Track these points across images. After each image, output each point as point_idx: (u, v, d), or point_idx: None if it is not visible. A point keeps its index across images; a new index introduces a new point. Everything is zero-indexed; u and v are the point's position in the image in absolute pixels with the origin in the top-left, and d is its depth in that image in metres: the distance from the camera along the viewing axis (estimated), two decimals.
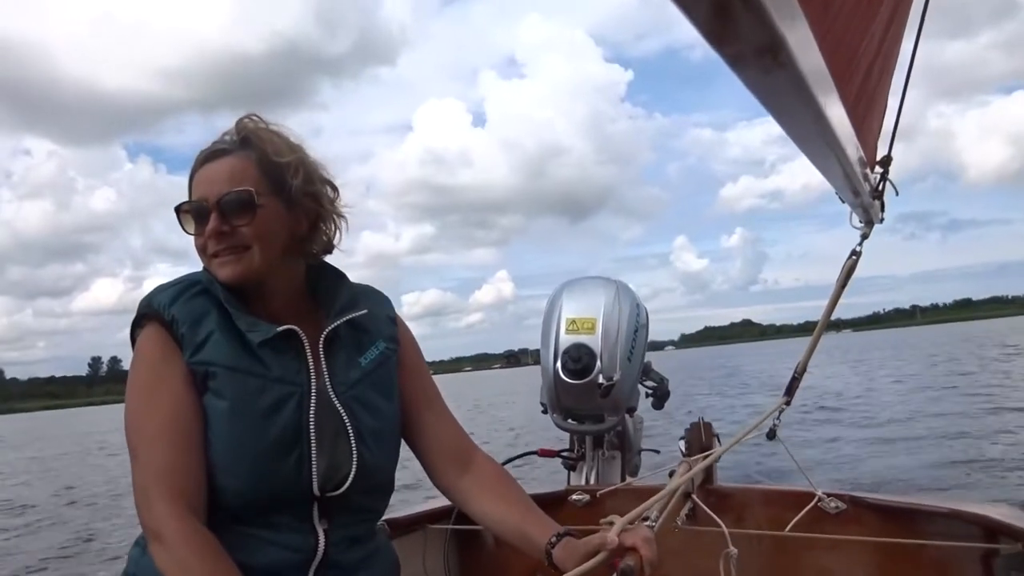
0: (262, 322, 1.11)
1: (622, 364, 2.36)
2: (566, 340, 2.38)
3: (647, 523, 1.16)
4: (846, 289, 1.86)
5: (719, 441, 2.24)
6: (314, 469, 1.08)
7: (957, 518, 1.75)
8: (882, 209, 1.70)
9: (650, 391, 2.67)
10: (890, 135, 1.50)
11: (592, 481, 2.47)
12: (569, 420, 2.45)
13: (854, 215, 1.73)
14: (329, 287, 1.21)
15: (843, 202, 1.56)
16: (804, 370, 1.89)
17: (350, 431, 1.12)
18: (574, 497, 2.15)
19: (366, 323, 1.21)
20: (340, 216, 1.20)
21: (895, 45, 1.37)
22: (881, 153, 1.50)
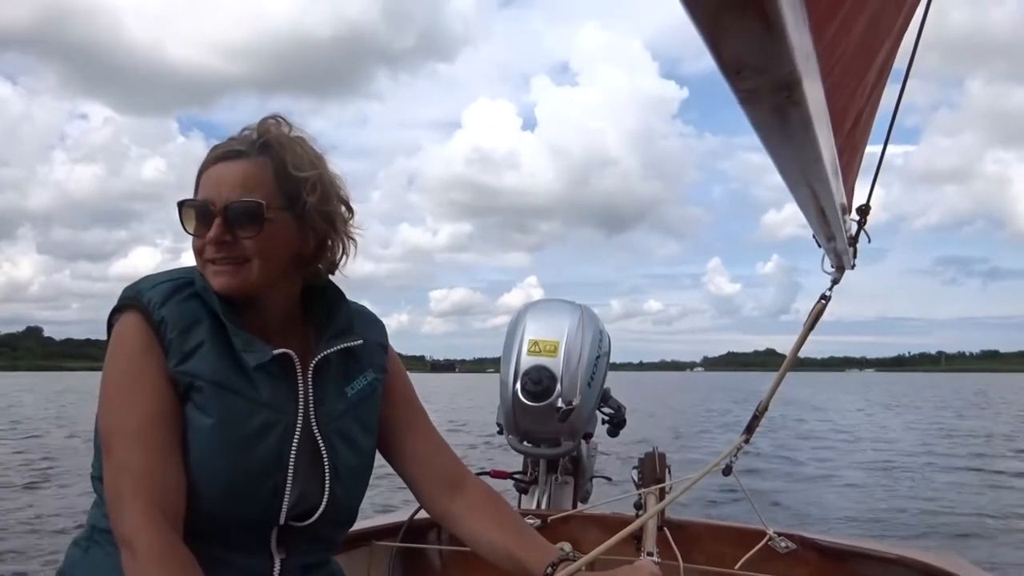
0: (258, 341, 1.04)
1: (582, 389, 2.34)
2: (527, 361, 2.35)
3: (618, 556, 1.14)
4: (812, 333, 1.87)
5: (670, 472, 2.23)
6: (286, 500, 1.04)
7: (903, 564, 1.76)
8: (854, 256, 1.71)
9: (607, 418, 2.65)
10: (870, 183, 1.51)
11: (544, 506, 2.44)
12: (525, 443, 2.42)
13: (826, 259, 1.74)
14: (326, 309, 1.15)
15: (819, 246, 1.57)
16: (765, 409, 1.89)
17: (326, 465, 1.08)
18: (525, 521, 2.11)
19: (358, 351, 1.16)
20: (350, 238, 1.14)
21: (880, 95, 1.39)
22: (859, 201, 1.51)
